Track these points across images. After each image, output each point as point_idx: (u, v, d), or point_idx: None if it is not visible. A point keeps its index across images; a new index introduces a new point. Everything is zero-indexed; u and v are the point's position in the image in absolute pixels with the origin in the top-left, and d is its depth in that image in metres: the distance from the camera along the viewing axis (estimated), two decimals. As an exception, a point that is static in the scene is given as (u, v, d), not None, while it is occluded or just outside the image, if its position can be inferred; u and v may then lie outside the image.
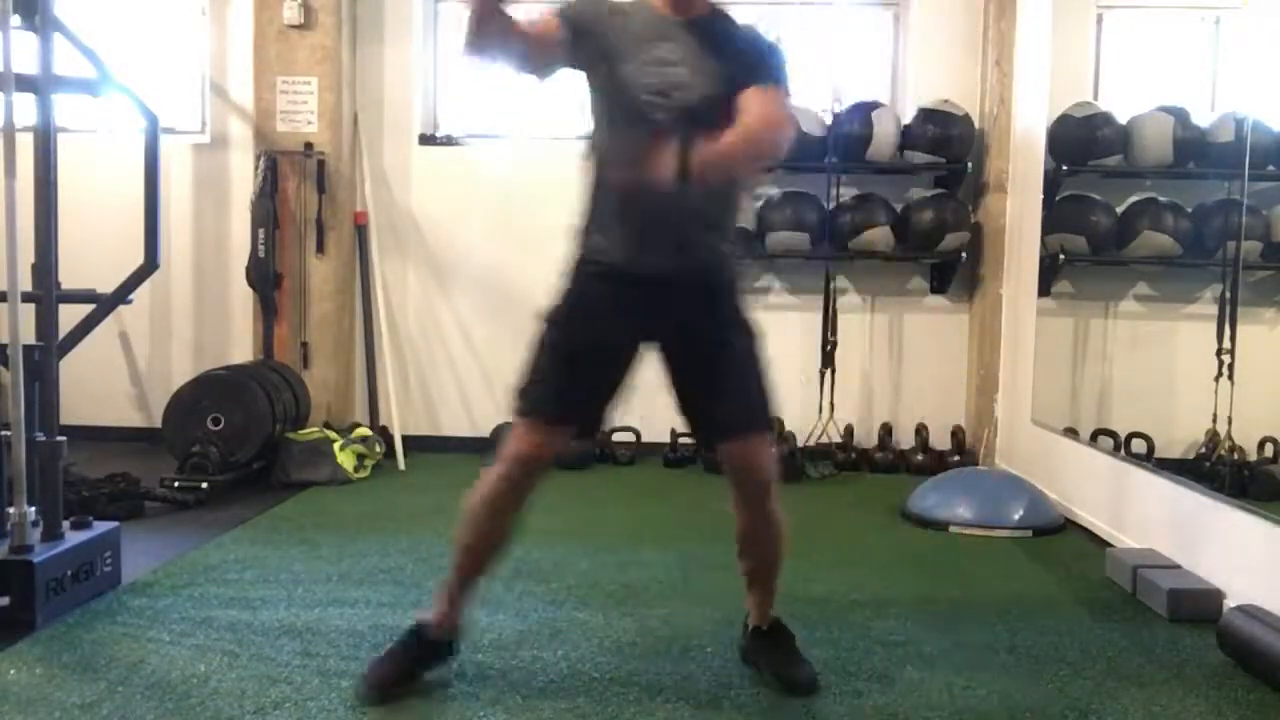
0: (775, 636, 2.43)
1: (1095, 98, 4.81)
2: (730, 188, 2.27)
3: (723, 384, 2.26)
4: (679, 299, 2.22)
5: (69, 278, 3.04)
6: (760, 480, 2.29)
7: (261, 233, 4.94)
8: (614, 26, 2.18)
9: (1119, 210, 4.67)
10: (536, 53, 2.16)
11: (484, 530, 2.32)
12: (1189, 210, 4.61)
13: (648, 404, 5.47)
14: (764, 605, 2.44)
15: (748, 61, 2.17)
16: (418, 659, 2.31)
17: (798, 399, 5.03)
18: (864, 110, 4.90)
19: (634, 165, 2.03)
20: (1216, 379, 4.00)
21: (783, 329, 5.16)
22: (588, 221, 2.29)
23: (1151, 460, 4.17)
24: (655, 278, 2.20)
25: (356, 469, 4.62)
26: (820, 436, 4.96)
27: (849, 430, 5.11)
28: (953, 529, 3.84)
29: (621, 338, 2.26)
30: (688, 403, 2.33)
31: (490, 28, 2.00)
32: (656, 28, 2.18)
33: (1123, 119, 4.60)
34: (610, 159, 2.22)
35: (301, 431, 4.66)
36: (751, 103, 2.09)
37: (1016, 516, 3.84)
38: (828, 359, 4.93)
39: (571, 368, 2.24)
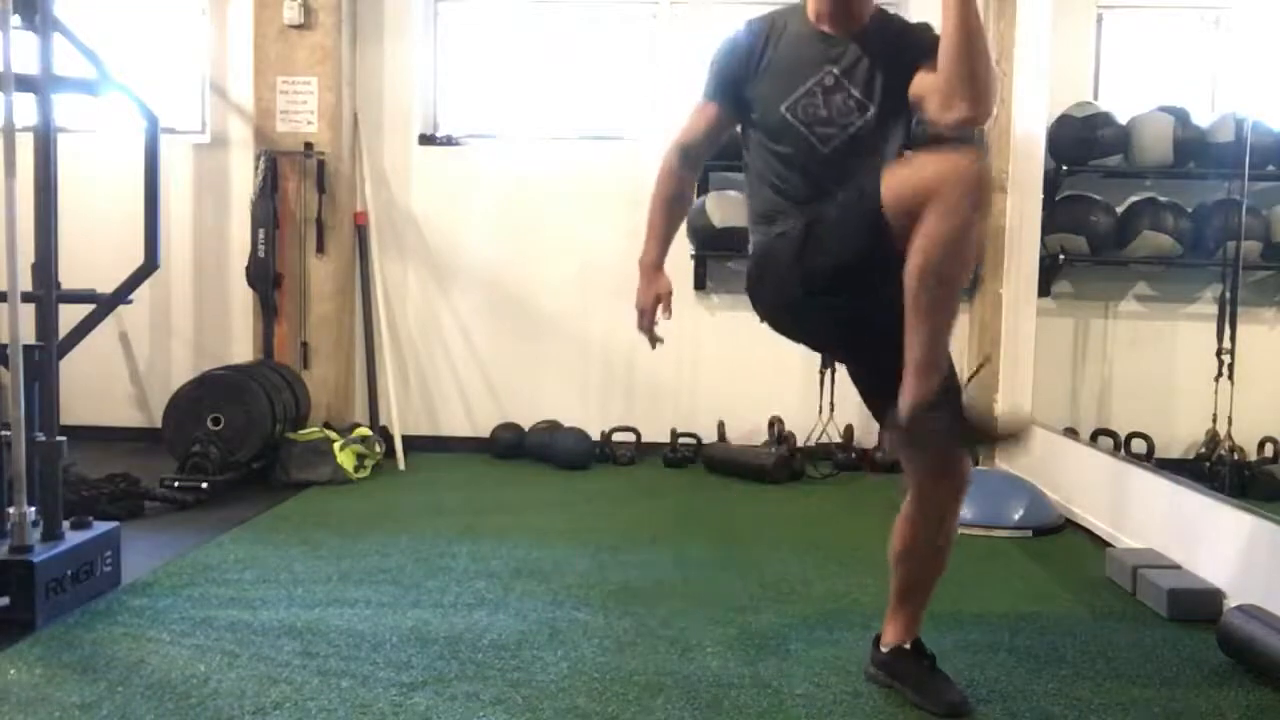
0: (921, 655, 2.31)
1: (1095, 98, 4.82)
2: None
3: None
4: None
5: (69, 278, 3.04)
6: (958, 485, 2.22)
7: (261, 233, 4.94)
8: (769, 63, 2.16)
9: (1119, 210, 4.68)
10: (707, 151, 2.32)
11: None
12: (1189, 210, 4.62)
13: (648, 404, 5.45)
14: (913, 619, 2.33)
15: (909, 55, 2.07)
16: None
17: (798, 399, 5.04)
18: (864, 110, 4.88)
19: None
20: (1216, 379, 4.01)
21: (783, 329, 5.16)
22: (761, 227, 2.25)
23: (1151, 460, 4.17)
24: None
25: (356, 469, 4.62)
26: (820, 436, 4.96)
27: (849, 430, 5.11)
28: (953, 529, 3.84)
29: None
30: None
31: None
32: (818, 50, 2.13)
33: (1123, 119, 4.60)
34: (779, 206, 2.18)
35: (301, 431, 4.66)
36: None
37: (1016, 516, 3.84)
38: (828, 359, 4.92)
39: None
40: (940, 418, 1.98)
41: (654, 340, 2.37)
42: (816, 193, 2.12)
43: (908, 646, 2.32)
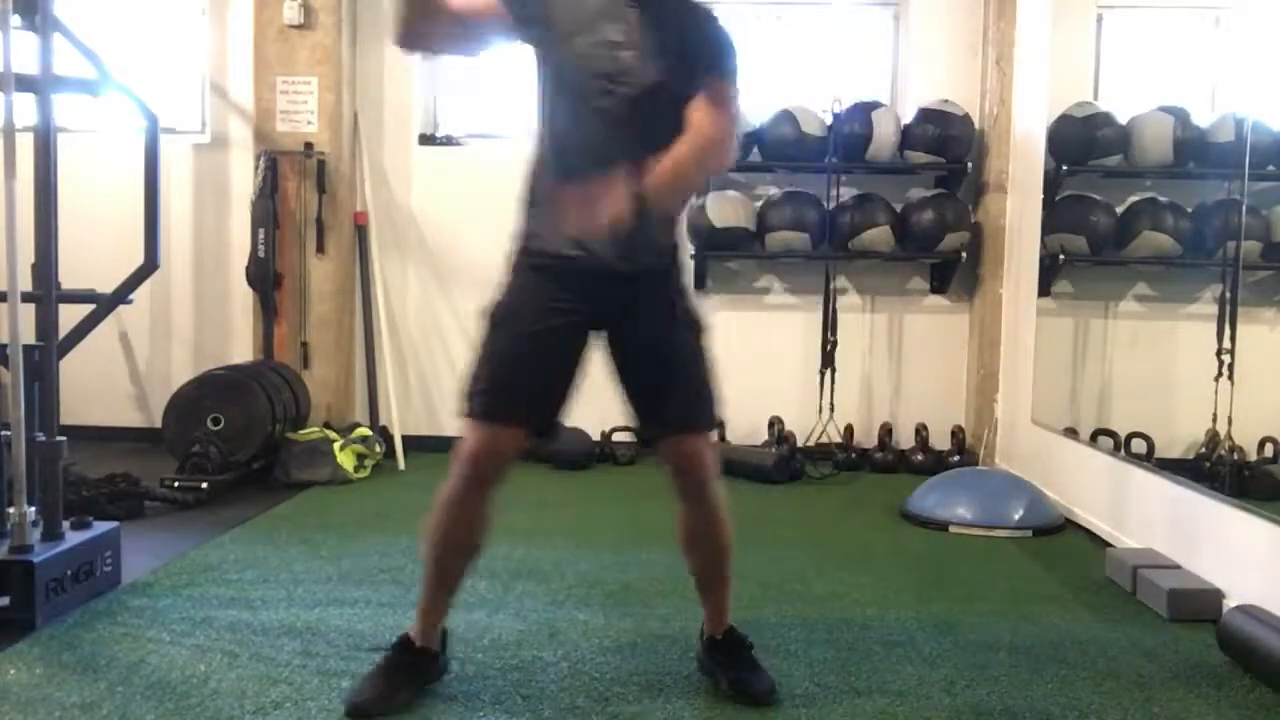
0: (732, 644, 2.35)
1: (1095, 98, 4.81)
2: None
3: (666, 378, 2.21)
4: (623, 290, 2.16)
5: (69, 278, 3.04)
6: (700, 478, 2.25)
7: (261, 233, 4.94)
8: (559, 3, 2.09)
9: (1119, 210, 4.67)
10: (472, 30, 2.08)
11: (449, 536, 2.23)
12: (1189, 210, 4.61)
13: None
14: (718, 611, 2.38)
15: (698, 51, 2.08)
16: (406, 674, 2.24)
17: (798, 399, 5.04)
18: (864, 110, 4.90)
19: (581, 209, 1.97)
20: (1216, 379, 4.00)
21: (783, 329, 5.17)
22: (529, 209, 2.22)
23: (1151, 460, 4.16)
24: (598, 269, 2.13)
25: (356, 469, 4.62)
26: (820, 436, 4.96)
27: (849, 430, 5.11)
28: (953, 529, 3.84)
29: (566, 331, 2.19)
30: (631, 395, 2.27)
31: (422, 13, 1.96)
32: (607, 5, 2.08)
33: (1123, 119, 4.60)
34: (556, 152, 2.15)
35: (301, 431, 4.66)
36: (696, 116, 2.04)
37: (1016, 516, 3.84)
38: (828, 359, 4.92)
39: (517, 367, 2.18)
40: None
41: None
42: (592, 157, 2.02)
43: (719, 637, 2.35)
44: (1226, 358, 4.02)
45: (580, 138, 2.10)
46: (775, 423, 5.06)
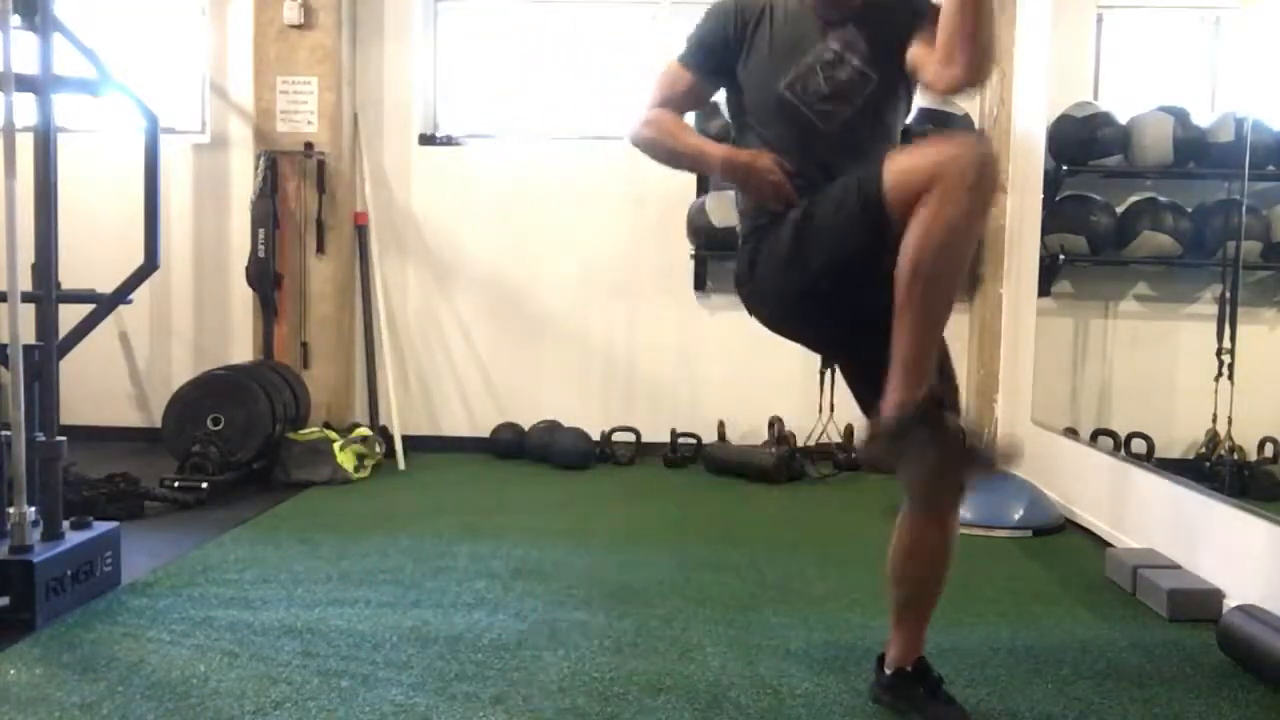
0: (923, 678, 2.17)
1: (1095, 98, 4.81)
2: None
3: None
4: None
5: (69, 278, 3.04)
6: (955, 491, 2.08)
7: (261, 233, 4.94)
8: (762, 41, 2.05)
9: (1119, 210, 4.67)
10: (682, 117, 2.15)
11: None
12: (1189, 210, 4.61)
13: (648, 404, 5.45)
14: (915, 640, 2.18)
15: (914, 26, 1.97)
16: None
17: (798, 399, 5.03)
18: (864, 110, 4.88)
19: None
20: (1216, 379, 4.00)
21: (783, 329, 5.17)
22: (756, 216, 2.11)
23: (1151, 460, 4.16)
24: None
25: (356, 469, 4.62)
26: (820, 436, 4.96)
27: (849, 430, 5.11)
28: (953, 529, 3.84)
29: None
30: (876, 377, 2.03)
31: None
32: (815, 25, 2.02)
33: (1123, 119, 4.59)
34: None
35: (301, 431, 4.66)
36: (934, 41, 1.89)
37: (1016, 516, 3.84)
38: (828, 359, 4.91)
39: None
40: (922, 430, 1.86)
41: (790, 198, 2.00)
42: (817, 176, 2.01)
43: (909, 669, 2.19)
44: (1226, 358, 4.02)
45: (806, 160, 2.01)
46: (775, 423, 5.06)
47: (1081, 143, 4.54)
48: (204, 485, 4.05)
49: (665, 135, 2.13)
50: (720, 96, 2.22)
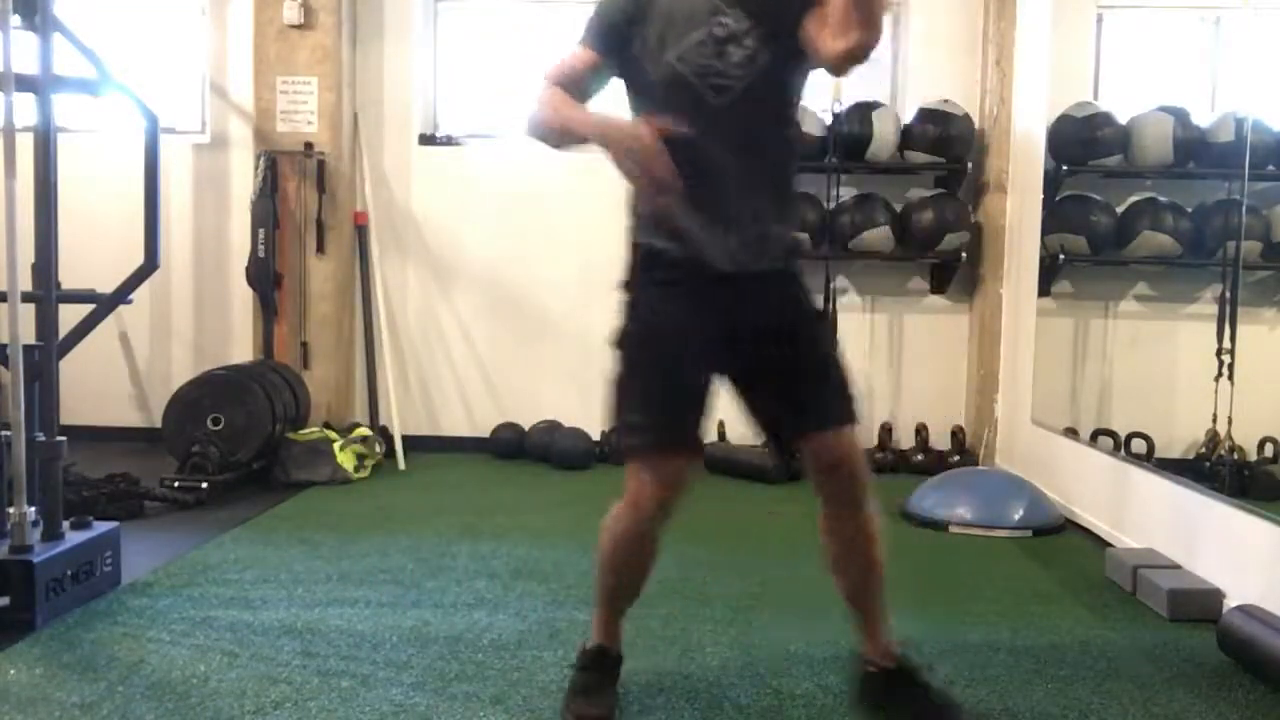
0: (905, 677, 2.13)
1: (1095, 98, 4.81)
2: (791, 165, 2.14)
3: (812, 373, 2.07)
4: (750, 292, 2.02)
5: (69, 278, 3.04)
6: (854, 475, 2.08)
7: (261, 233, 4.94)
8: (656, 13, 2.01)
9: (1119, 210, 4.67)
10: (579, 99, 2.06)
11: (630, 567, 2.17)
12: (1189, 210, 4.61)
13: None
14: (878, 637, 2.15)
15: (807, 4, 1.94)
16: (614, 679, 2.22)
17: (798, 399, 5.03)
18: (864, 110, 4.90)
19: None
20: (1216, 379, 4.00)
21: (783, 329, 5.17)
22: (640, 228, 2.09)
23: (1151, 460, 4.16)
24: (720, 273, 2.01)
25: (356, 469, 4.62)
26: (820, 436, 4.94)
27: (849, 430, 5.10)
28: (953, 529, 3.84)
29: (704, 343, 2.03)
30: (768, 401, 2.11)
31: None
32: (707, 2, 1.99)
33: (1123, 119, 4.59)
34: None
35: (301, 431, 4.66)
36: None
37: (1016, 516, 3.84)
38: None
39: (671, 390, 2.02)
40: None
41: (671, 189, 1.90)
42: (708, 154, 1.96)
43: (891, 668, 2.16)
44: (1226, 358, 4.02)
45: (693, 145, 1.94)
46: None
47: (1081, 143, 4.54)
48: (204, 485, 4.05)
49: (548, 111, 2.05)
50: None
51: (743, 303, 2.03)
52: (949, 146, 4.91)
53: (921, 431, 5.08)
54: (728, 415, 5.08)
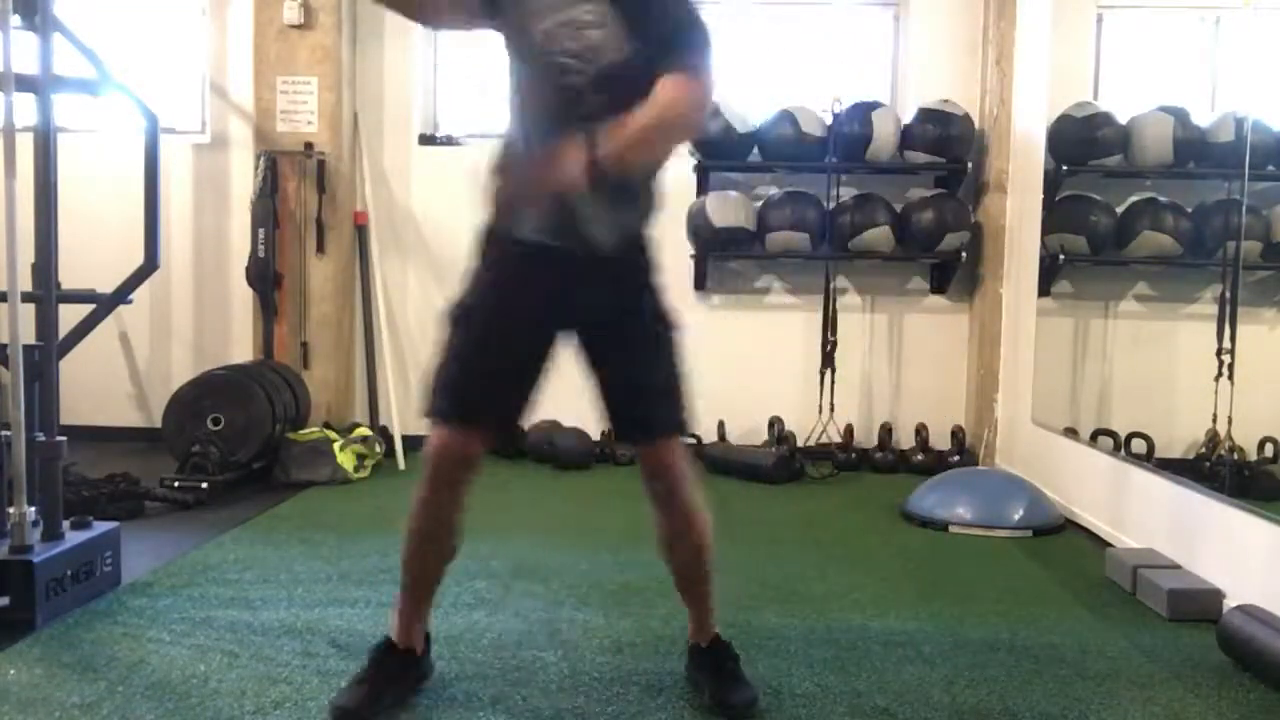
0: (715, 655, 2.30)
1: (1095, 98, 4.81)
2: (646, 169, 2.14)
3: (634, 380, 2.17)
4: (589, 283, 2.09)
5: (69, 278, 3.04)
6: (669, 484, 2.20)
7: (261, 233, 4.94)
8: None
9: (1119, 210, 4.67)
10: (439, 8, 2.14)
11: (422, 537, 2.25)
12: (1189, 210, 4.61)
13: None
14: (701, 618, 2.32)
15: (665, 35, 1.99)
16: (390, 677, 2.22)
17: (798, 399, 5.03)
18: (864, 110, 4.90)
19: (538, 167, 1.94)
20: (1216, 379, 4.00)
21: (783, 329, 5.17)
22: (493, 198, 2.14)
23: (1151, 460, 4.16)
24: (570, 255, 2.06)
25: (356, 469, 4.61)
26: (820, 436, 4.96)
27: (849, 430, 5.11)
28: (953, 529, 3.84)
29: (529, 327, 2.14)
30: (602, 396, 2.23)
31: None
32: None
33: (1123, 119, 4.60)
34: (522, 137, 2.07)
35: (301, 431, 4.66)
36: (662, 83, 1.95)
37: (1016, 516, 3.84)
38: (827, 359, 4.92)
39: (478, 364, 2.12)
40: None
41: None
42: (549, 138, 1.98)
43: (704, 645, 2.31)
44: (1226, 358, 4.02)
45: (543, 119, 2.02)
46: (775, 423, 5.06)
47: (1081, 143, 4.54)
48: (204, 485, 4.05)
49: None
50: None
51: (580, 293, 2.11)
52: (949, 146, 4.91)
53: (921, 431, 5.08)
54: (728, 415, 5.11)
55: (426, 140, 5.33)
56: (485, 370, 2.12)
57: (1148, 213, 4.63)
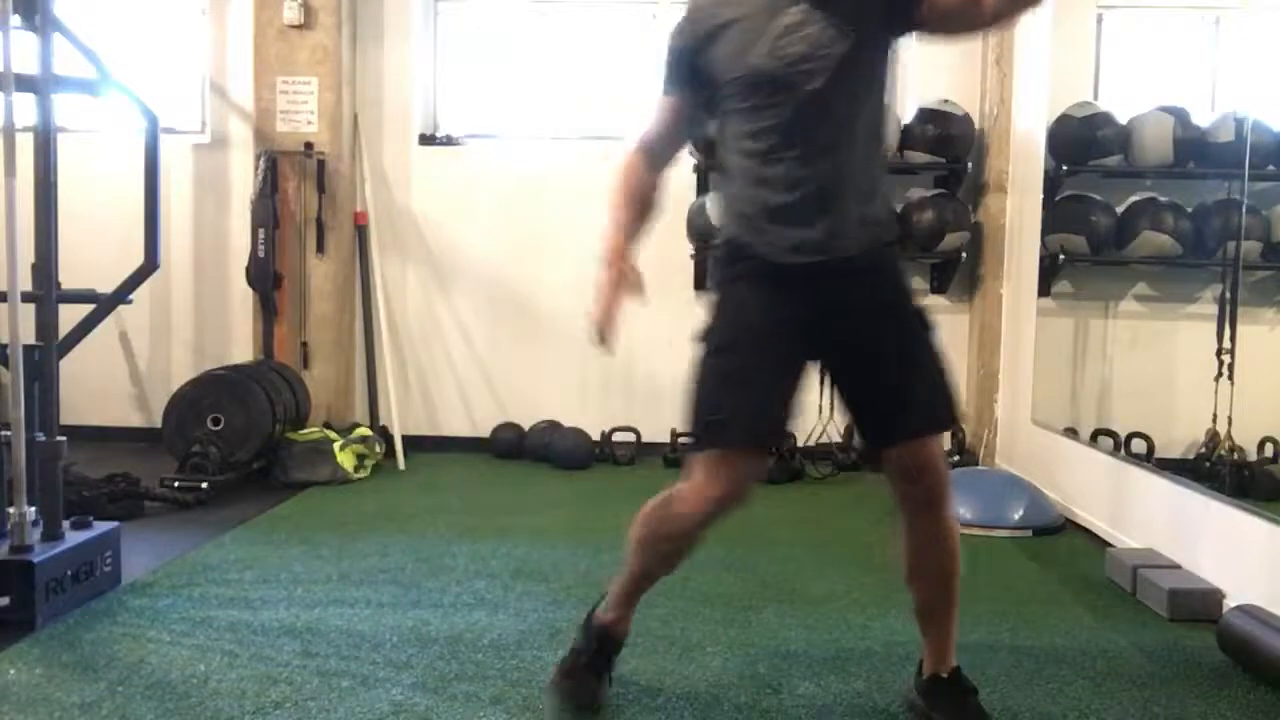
0: (955, 688, 2.13)
1: (1095, 98, 4.81)
2: (879, 154, 2.10)
3: (906, 376, 2.04)
4: (844, 286, 2.00)
5: (69, 278, 3.03)
6: (938, 482, 2.04)
7: (261, 233, 4.94)
8: (722, 25, 1.98)
9: (1119, 210, 4.67)
10: (675, 147, 2.16)
11: (670, 556, 2.18)
12: (1189, 210, 4.61)
13: (648, 404, 5.45)
14: (944, 645, 2.13)
15: None
16: (608, 663, 2.22)
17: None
18: (864, 110, 4.89)
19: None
20: (1216, 379, 4.00)
21: (783, 329, 5.16)
22: (737, 221, 2.08)
23: (1151, 460, 4.16)
24: (817, 268, 1.98)
25: (356, 469, 4.62)
26: (820, 436, 4.95)
27: (849, 430, 5.10)
28: (953, 529, 3.84)
29: (792, 340, 2.03)
30: (861, 401, 2.10)
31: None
32: (771, 3, 1.95)
33: (1123, 119, 4.59)
34: (769, 158, 1.98)
35: (301, 431, 4.66)
36: None
37: (1016, 516, 3.84)
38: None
39: (753, 387, 2.00)
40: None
41: (607, 339, 2.07)
42: (811, 149, 1.95)
43: (944, 675, 2.14)
44: (1226, 358, 4.02)
45: (792, 132, 1.95)
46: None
47: (1081, 143, 4.54)
48: (204, 485, 4.05)
49: (614, 189, 2.16)
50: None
51: (837, 298, 2.01)
52: (949, 146, 4.91)
53: (921, 431, 5.07)
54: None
55: (426, 140, 5.32)
56: (760, 390, 2.02)
57: (1148, 213, 4.63)
